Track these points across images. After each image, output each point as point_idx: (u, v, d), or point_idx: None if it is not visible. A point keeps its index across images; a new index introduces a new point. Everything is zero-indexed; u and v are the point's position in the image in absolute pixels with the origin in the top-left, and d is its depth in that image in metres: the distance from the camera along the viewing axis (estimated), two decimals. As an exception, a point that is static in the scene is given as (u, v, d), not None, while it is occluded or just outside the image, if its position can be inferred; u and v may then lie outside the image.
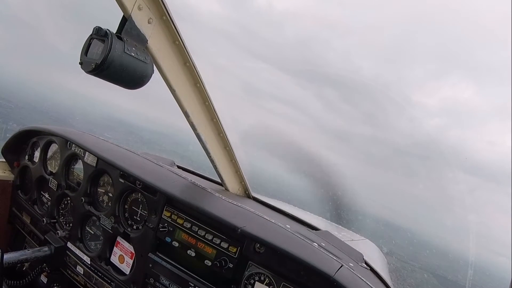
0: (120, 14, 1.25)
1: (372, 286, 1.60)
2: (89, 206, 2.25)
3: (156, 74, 1.42)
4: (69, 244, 2.29)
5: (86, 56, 1.22)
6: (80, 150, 2.36)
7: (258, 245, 1.73)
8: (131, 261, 2.05)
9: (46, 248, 2.21)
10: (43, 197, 2.59)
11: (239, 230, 1.70)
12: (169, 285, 1.89)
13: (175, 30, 1.43)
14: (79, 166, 2.43)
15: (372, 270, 1.99)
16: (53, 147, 2.59)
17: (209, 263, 1.80)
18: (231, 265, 1.76)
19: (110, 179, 2.23)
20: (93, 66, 1.17)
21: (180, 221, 1.91)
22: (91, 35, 1.22)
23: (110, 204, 2.21)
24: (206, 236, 1.83)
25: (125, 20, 1.24)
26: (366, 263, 2.02)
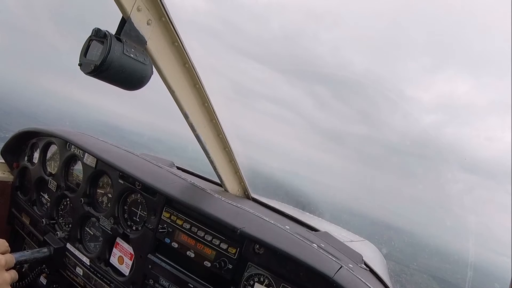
0: (119, 16, 1.25)
1: (371, 287, 1.60)
2: (89, 207, 2.25)
3: (155, 75, 1.42)
4: (69, 245, 2.28)
5: (85, 57, 1.22)
6: (79, 151, 2.36)
7: (258, 246, 1.73)
8: (130, 262, 2.05)
9: (45, 249, 2.20)
10: (42, 198, 2.59)
11: (238, 231, 1.70)
12: (169, 286, 1.89)
13: (174, 31, 1.43)
14: (78, 167, 2.43)
15: (372, 271, 2.00)
16: (53, 148, 2.59)
17: (209, 264, 1.80)
18: (230, 266, 1.76)
19: (110, 180, 2.23)
20: (92, 68, 1.17)
21: (179, 222, 1.91)
22: (90, 36, 1.22)
23: (109, 205, 2.21)
24: (205, 237, 1.83)
25: (124, 22, 1.24)
26: (365, 264, 2.03)
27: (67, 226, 2.40)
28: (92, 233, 2.30)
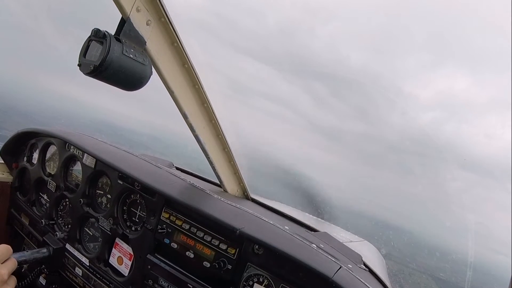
0: (118, 16, 1.25)
1: (370, 287, 1.60)
2: (88, 208, 2.25)
3: (154, 76, 1.42)
4: (68, 246, 2.28)
5: (85, 58, 1.22)
6: (78, 152, 2.36)
7: (257, 246, 1.73)
8: (129, 263, 2.05)
9: (44, 250, 2.20)
10: (41, 199, 2.59)
11: (237, 231, 1.70)
12: (168, 286, 1.89)
13: (173, 31, 1.43)
14: (77, 167, 2.43)
15: (371, 271, 2.00)
16: (52, 149, 2.59)
17: (208, 265, 1.80)
18: (229, 267, 1.76)
19: (109, 180, 2.23)
20: (92, 68, 1.17)
21: (178, 222, 1.91)
22: (89, 37, 1.22)
23: (108, 206, 2.21)
24: (204, 238, 1.83)
25: (124, 22, 1.24)
26: (365, 264, 2.03)
27: (66, 226, 2.40)
28: (91, 234, 2.30)
